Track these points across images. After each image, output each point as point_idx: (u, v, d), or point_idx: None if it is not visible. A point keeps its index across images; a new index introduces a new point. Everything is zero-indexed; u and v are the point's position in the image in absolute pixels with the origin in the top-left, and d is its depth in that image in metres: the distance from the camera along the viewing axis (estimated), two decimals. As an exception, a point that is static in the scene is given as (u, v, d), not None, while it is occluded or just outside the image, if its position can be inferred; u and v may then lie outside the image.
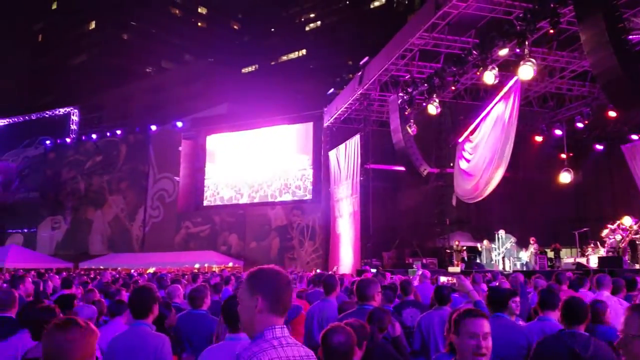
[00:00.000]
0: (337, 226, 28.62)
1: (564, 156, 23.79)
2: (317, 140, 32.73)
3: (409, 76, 21.74)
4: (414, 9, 62.13)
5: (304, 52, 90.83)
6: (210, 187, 37.77)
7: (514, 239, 21.31)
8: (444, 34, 18.58)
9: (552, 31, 15.02)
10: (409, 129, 21.90)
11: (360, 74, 23.94)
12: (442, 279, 13.46)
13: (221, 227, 36.32)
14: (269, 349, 2.41)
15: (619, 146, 23.78)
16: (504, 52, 16.82)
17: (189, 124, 38.72)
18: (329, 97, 29.99)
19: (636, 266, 17.29)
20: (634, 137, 23.56)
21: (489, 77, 17.31)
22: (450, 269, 21.07)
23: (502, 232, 21.56)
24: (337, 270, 24.12)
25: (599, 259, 17.94)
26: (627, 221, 19.16)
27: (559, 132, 24.15)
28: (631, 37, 13.19)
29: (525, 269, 19.72)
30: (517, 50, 16.16)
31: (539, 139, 24.90)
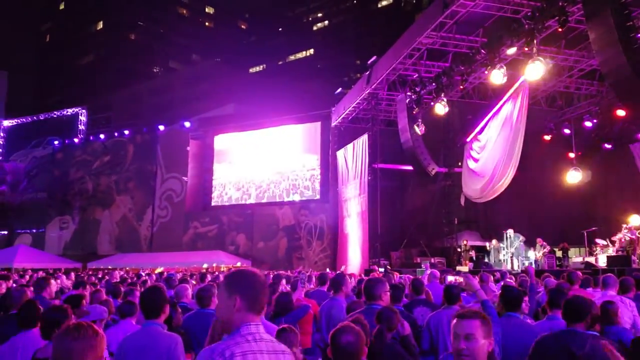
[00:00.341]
0: (345, 226, 28.61)
1: (572, 155, 23.75)
2: (325, 140, 32.73)
3: (417, 75, 21.73)
4: (422, 7, 62.01)
5: (312, 51, 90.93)
6: (218, 187, 37.84)
7: (522, 238, 21.25)
8: (451, 33, 18.60)
9: (560, 30, 15.00)
10: (417, 129, 21.89)
11: (368, 73, 23.95)
12: (450, 278, 13.40)
13: (229, 227, 36.31)
14: (242, 343, 2.60)
15: (628, 145, 23.67)
16: (512, 51, 16.79)
17: (197, 124, 38.74)
18: (336, 96, 30.01)
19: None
20: (643, 136, 23.46)
21: (497, 76, 17.31)
22: (458, 268, 21.01)
23: (510, 232, 21.50)
24: (345, 270, 24.10)
25: (608, 258, 17.86)
26: (636, 220, 19.08)
27: (567, 131, 24.09)
28: (640, 35, 13.11)
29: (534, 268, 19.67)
30: (526, 49, 16.14)
31: (548, 138, 24.81)
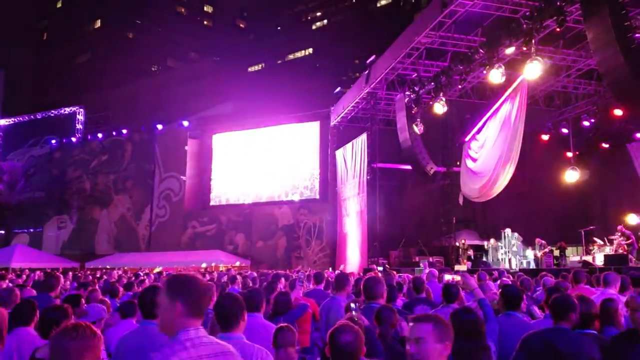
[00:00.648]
0: (344, 225, 28.61)
1: (570, 155, 23.79)
2: (324, 139, 32.74)
3: (416, 75, 21.73)
4: (421, 7, 61.78)
5: (311, 50, 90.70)
6: (216, 186, 37.82)
7: (520, 237, 21.30)
8: (450, 33, 18.60)
9: (558, 29, 15.02)
10: (416, 128, 21.88)
11: (367, 72, 23.94)
12: (447, 277, 13.45)
13: (228, 226, 36.27)
14: (179, 351, 2.59)
15: (625, 145, 23.72)
16: (511, 50, 16.79)
17: (195, 123, 38.70)
18: (335, 95, 29.97)
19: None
20: (640, 135, 23.51)
21: (496, 75, 17.33)
22: (456, 267, 21.06)
23: (508, 231, 21.56)
24: (344, 269, 24.11)
25: (605, 257, 17.92)
26: (633, 219, 19.14)
27: (565, 130, 24.12)
28: (637, 35, 13.14)
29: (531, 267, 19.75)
30: (524, 48, 16.14)
31: (545, 137, 24.87)
